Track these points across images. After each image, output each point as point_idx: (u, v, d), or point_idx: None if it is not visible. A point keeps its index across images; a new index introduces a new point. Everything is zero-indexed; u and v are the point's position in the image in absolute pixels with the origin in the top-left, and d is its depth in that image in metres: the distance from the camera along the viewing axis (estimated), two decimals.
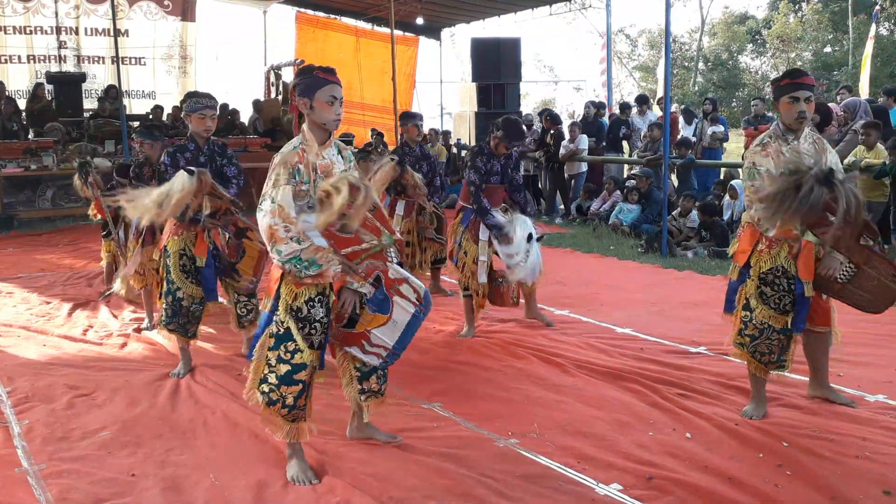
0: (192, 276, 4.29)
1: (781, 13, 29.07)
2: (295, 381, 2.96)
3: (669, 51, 8.86)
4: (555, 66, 35.58)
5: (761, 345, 3.54)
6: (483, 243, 4.92)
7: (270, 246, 2.83)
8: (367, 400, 3.25)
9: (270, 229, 2.81)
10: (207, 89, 6.59)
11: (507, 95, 13.23)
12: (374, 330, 3.05)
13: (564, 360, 4.46)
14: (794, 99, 3.45)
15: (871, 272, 3.30)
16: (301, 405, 3.02)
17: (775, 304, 3.48)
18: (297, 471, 3.06)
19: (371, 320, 3.05)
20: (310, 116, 2.99)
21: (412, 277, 3.12)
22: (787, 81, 3.51)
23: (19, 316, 5.80)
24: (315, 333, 2.95)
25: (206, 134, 4.29)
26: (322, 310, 2.95)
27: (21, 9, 14.64)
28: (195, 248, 4.27)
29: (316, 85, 2.97)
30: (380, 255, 3.02)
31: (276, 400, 2.98)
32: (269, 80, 15.03)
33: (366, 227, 2.95)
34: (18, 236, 9.94)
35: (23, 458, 3.30)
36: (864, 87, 13.97)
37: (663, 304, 5.91)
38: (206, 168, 4.23)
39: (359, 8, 16.43)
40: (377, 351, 3.09)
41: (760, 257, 3.50)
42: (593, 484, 2.99)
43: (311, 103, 2.97)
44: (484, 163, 4.97)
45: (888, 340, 4.75)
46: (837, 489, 2.88)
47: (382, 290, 3.01)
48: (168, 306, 4.31)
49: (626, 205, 9.58)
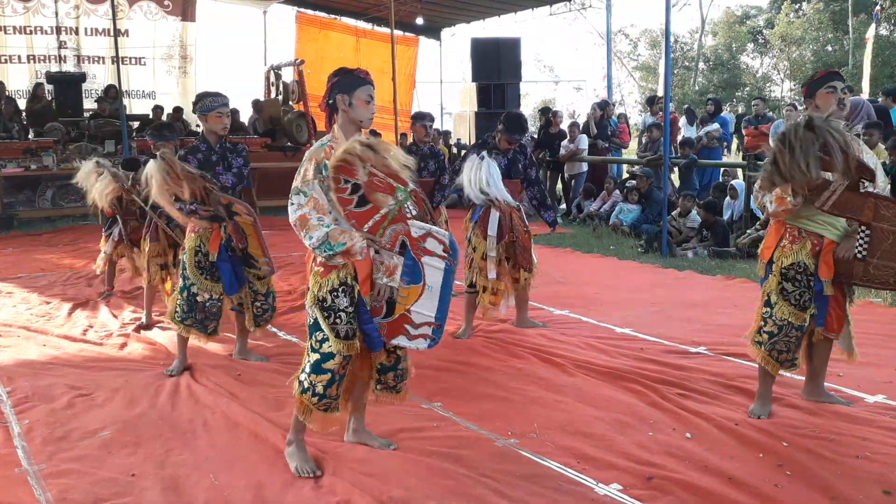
0: (208, 273, 4.29)
1: (784, 13, 29.07)
2: (324, 370, 3.00)
3: (670, 51, 8.86)
4: (555, 66, 35.64)
5: (779, 342, 3.56)
6: (491, 239, 4.91)
7: (303, 233, 2.92)
8: (381, 392, 3.25)
9: (303, 217, 2.91)
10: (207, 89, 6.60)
11: (507, 95, 13.24)
12: (413, 306, 3.00)
13: (564, 360, 4.46)
14: (832, 88, 3.56)
15: (884, 228, 3.20)
16: (331, 394, 3.03)
17: (795, 301, 3.51)
18: (300, 461, 3.10)
19: (407, 295, 3.00)
20: (347, 113, 3.06)
21: (434, 228, 3.06)
22: (822, 73, 3.67)
23: (19, 316, 5.80)
24: (340, 323, 2.98)
25: (222, 132, 4.31)
26: (346, 300, 2.97)
27: (21, 9, 14.63)
28: (209, 243, 4.27)
29: (356, 83, 3.05)
30: (400, 216, 2.99)
31: (308, 388, 3.03)
32: (269, 80, 15.01)
33: (378, 188, 2.95)
34: (18, 236, 9.94)
35: (23, 458, 3.30)
36: (866, 88, 13.99)
37: (663, 304, 5.91)
38: (220, 165, 4.26)
39: (359, 8, 16.43)
40: (423, 331, 3.03)
41: (783, 253, 3.52)
42: (593, 484, 2.99)
43: (351, 100, 3.04)
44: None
45: (888, 340, 4.75)
46: (837, 489, 2.88)
47: (410, 254, 2.99)
48: (183, 301, 4.30)
49: (627, 205, 9.59)
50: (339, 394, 3.09)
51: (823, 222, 3.41)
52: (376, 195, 2.95)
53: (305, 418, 3.08)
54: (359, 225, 2.96)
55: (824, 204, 3.19)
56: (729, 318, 5.36)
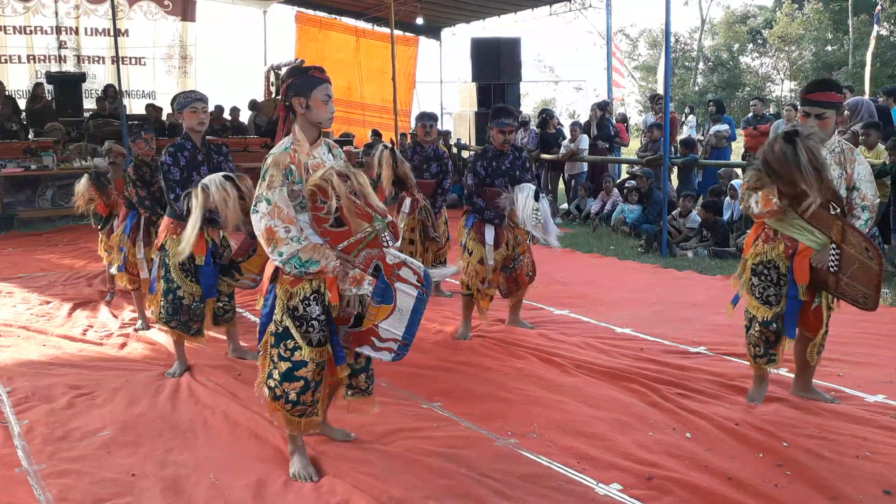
0: (192, 275, 4.30)
1: (783, 13, 29.07)
2: (296, 377, 2.98)
3: (669, 51, 8.85)
4: (555, 67, 35.66)
5: (750, 337, 3.66)
6: (489, 247, 4.87)
7: (271, 248, 2.84)
8: (354, 397, 3.24)
9: (269, 231, 2.83)
10: (207, 89, 6.60)
11: (507, 95, 13.24)
12: (382, 323, 3.04)
13: (564, 360, 4.46)
14: (804, 113, 3.53)
15: (851, 252, 3.35)
16: (306, 401, 3.03)
17: (759, 294, 3.58)
18: (299, 467, 3.09)
19: (377, 313, 3.02)
20: (305, 116, 2.98)
21: (410, 259, 3.09)
22: (809, 90, 3.56)
23: (19, 316, 5.80)
24: (313, 331, 2.96)
25: (200, 128, 4.27)
26: (318, 307, 2.96)
27: (21, 9, 14.64)
28: (195, 247, 4.26)
29: (312, 84, 2.96)
30: (376, 242, 2.98)
31: (280, 396, 3.01)
32: (269, 80, 15.02)
33: (357, 214, 2.92)
34: (18, 236, 9.94)
35: (23, 458, 3.30)
36: (867, 88, 13.99)
37: (663, 304, 5.91)
38: (205, 165, 4.24)
39: (359, 8, 16.43)
40: (388, 346, 3.06)
41: (756, 250, 3.62)
42: (593, 484, 2.99)
43: (308, 102, 2.96)
44: (485, 166, 4.87)
45: (888, 340, 4.75)
46: (837, 489, 2.88)
47: (383, 278, 2.99)
48: (168, 304, 4.31)
49: (627, 205, 9.58)
50: (317, 399, 3.08)
51: (801, 228, 3.46)
52: (353, 219, 2.92)
53: (281, 423, 3.10)
54: (333, 243, 2.93)
55: (804, 212, 3.34)
56: (729, 318, 5.34)
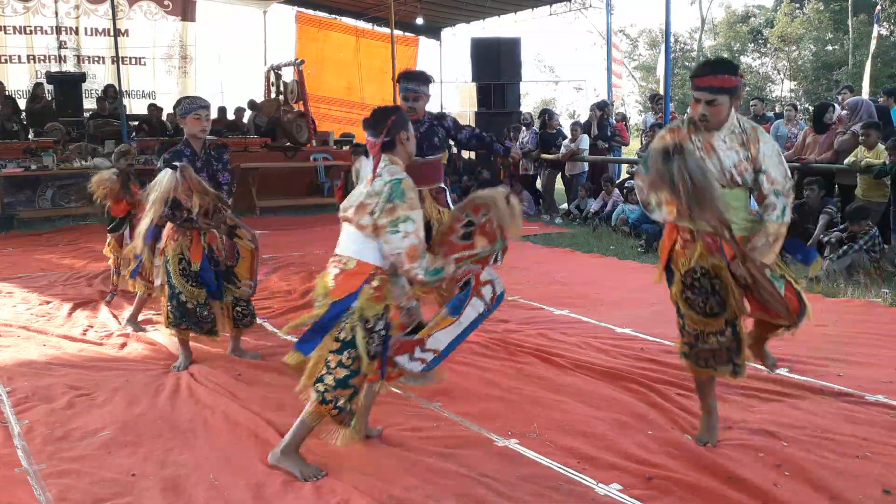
0: (192, 280, 4.31)
1: (783, 12, 29.07)
2: (349, 385, 3.04)
3: (669, 51, 8.86)
4: (555, 67, 35.68)
5: (702, 352, 3.21)
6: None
7: (410, 264, 2.94)
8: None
9: (413, 248, 2.95)
10: (207, 89, 6.60)
11: (507, 95, 13.25)
12: (435, 333, 3.12)
13: (564, 360, 4.46)
14: (695, 99, 3.13)
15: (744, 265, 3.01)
16: (350, 409, 3.08)
17: (700, 308, 3.17)
18: (301, 467, 3.10)
19: (439, 322, 3.13)
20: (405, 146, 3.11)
21: (498, 279, 3.20)
22: (692, 78, 3.19)
23: (19, 316, 5.80)
24: (372, 344, 3.04)
25: (202, 135, 4.28)
26: (382, 323, 3.05)
27: (21, 9, 14.64)
28: (190, 251, 4.28)
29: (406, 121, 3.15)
30: (485, 260, 3.13)
31: (330, 400, 3.04)
32: (269, 80, 15.02)
33: (487, 234, 3.08)
34: (18, 236, 9.93)
35: (23, 458, 3.30)
36: (866, 88, 13.99)
37: (663, 304, 5.85)
38: (203, 172, 4.23)
39: (359, 8, 16.44)
40: (424, 356, 3.14)
41: (678, 258, 3.24)
42: (593, 484, 2.99)
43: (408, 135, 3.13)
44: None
45: (888, 340, 4.75)
46: (837, 489, 2.88)
47: (467, 293, 3.11)
48: (174, 309, 4.35)
49: (628, 205, 9.58)
50: (353, 407, 3.11)
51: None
52: (480, 237, 3.09)
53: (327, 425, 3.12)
54: (449, 252, 3.08)
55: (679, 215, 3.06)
56: None
